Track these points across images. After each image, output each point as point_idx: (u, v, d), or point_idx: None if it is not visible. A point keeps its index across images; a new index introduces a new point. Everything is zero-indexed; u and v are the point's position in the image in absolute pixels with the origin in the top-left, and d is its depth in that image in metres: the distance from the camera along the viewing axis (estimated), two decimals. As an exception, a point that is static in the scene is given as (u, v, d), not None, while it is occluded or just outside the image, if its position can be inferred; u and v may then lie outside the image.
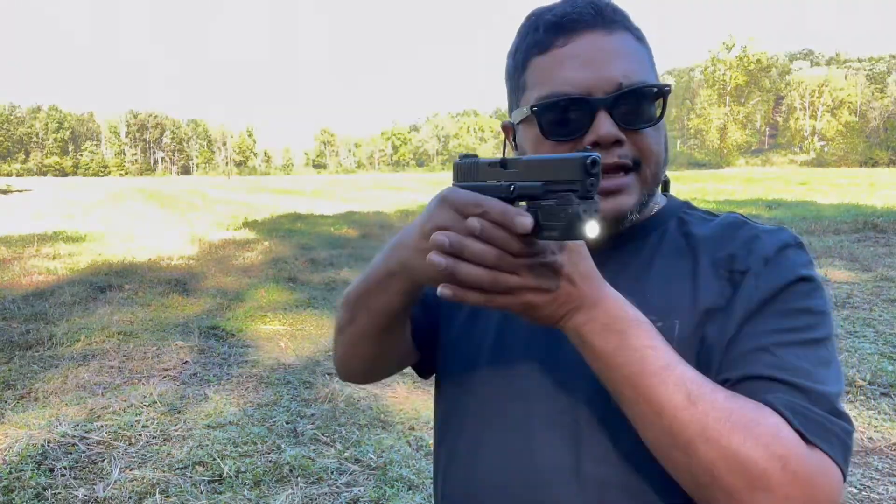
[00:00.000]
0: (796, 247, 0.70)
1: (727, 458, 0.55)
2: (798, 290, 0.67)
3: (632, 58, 0.72)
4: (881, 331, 4.68)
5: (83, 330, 4.97)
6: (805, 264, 0.69)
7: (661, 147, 0.74)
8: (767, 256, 0.69)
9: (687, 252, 0.74)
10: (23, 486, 2.70)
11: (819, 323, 0.67)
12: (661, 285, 0.72)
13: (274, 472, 2.84)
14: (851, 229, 9.84)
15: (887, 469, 2.79)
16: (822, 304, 0.68)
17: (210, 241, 10.40)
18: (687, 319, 0.69)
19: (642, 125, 0.71)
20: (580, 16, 0.71)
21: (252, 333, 5.07)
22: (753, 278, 0.68)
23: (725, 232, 0.74)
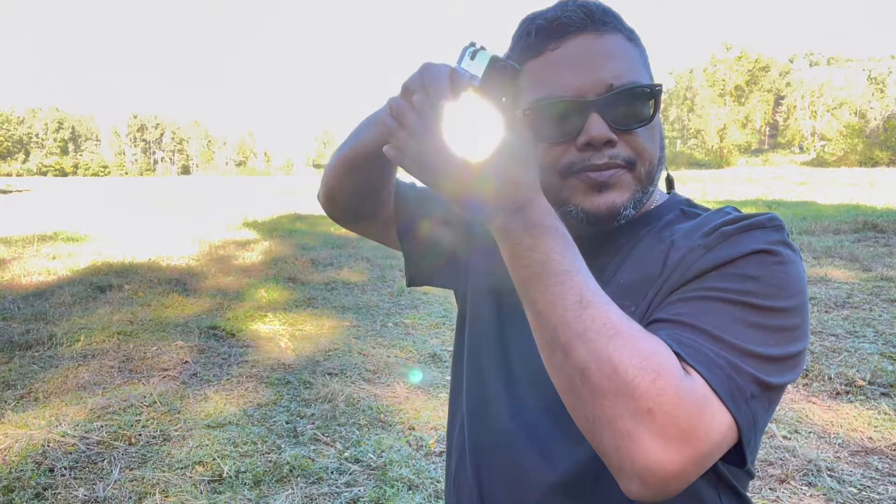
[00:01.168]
0: (771, 228, 0.67)
1: (600, 360, 0.56)
2: (753, 260, 0.64)
3: (623, 59, 0.72)
4: (881, 331, 4.68)
5: (83, 330, 4.97)
6: (771, 241, 0.66)
7: (656, 146, 0.75)
8: (727, 233, 0.67)
9: (667, 237, 0.74)
10: (23, 486, 2.70)
11: (767, 293, 0.62)
12: (636, 269, 0.74)
13: (274, 472, 2.84)
14: (851, 229, 9.84)
15: (887, 469, 2.79)
16: (780, 277, 0.63)
17: (210, 241, 10.40)
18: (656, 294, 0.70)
19: (634, 125, 0.72)
20: (570, 19, 0.72)
21: (252, 333, 5.07)
22: (704, 249, 0.67)
23: (709, 217, 0.74)
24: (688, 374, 0.57)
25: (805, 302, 0.65)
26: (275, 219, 14.71)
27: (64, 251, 9.18)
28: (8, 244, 9.72)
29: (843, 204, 14.73)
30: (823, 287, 6.16)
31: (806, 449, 2.97)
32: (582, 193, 0.73)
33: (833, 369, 3.90)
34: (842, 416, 3.31)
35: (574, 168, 0.72)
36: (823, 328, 4.81)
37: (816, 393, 3.61)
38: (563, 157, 0.73)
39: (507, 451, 0.82)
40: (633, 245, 0.77)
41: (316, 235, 11.38)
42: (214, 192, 30.96)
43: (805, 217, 11.73)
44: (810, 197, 17.90)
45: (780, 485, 2.69)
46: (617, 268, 0.76)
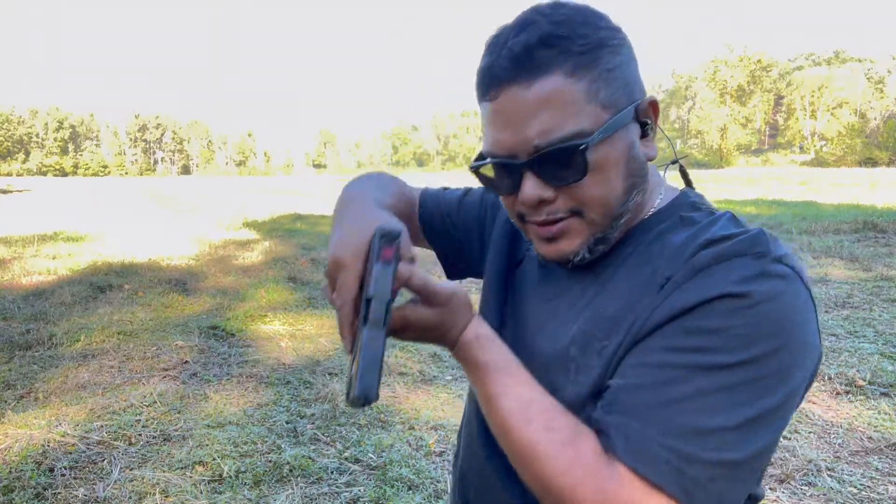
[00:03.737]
0: (751, 256, 0.62)
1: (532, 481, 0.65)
2: (717, 307, 0.60)
3: (555, 108, 0.66)
4: (881, 331, 4.68)
5: (83, 330, 4.97)
6: (747, 277, 0.60)
7: (608, 187, 0.69)
8: (699, 266, 0.63)
9: (650, 261, 0.70)
10: (23, 486, 2.70)
11: (731, 347, 0.59)
12: (615, 298, 0.71)
13: (274, 472, 2.84)
14: (851, 229, 9.84)
15: (887, 469, 2.79)
16: (747, 325, 0.59)
17: (210, 241, 10.40)
18: (623, 334, 0.68)
19: (570, 181, 0.68)
20: (499, 69, 0.67)
21: (252, 333, 5.07)
22: (672, 287, 0.64)
23: (692, 237, 0.68)
24: (612, 476, 0.60)
25: (789, 338, 0.60)
26: (275, 219, 14.71)
27: (64, 251, 9.18)
28: (8, 244, 9.72)
29: (843, 204, 14.73)
30: (823, 287, 6.17)
31: (806, 449, 2.97)
32: (535, 241, 0.75)
33: (833, 369, 3.90)
34: (842, 416, 3.31)
35: (525, 218, 0.74)
36: (823, 328, 4.81)
37: (816, 393, 3.61)
38: (514, 207, 0.74)
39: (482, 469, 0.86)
40: (618, 265, 0.74)
41: (316, 235, 11.38)
42: (214, 192, 30.96)
43: (805, 217, 11.73)
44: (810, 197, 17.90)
45: (780, 485, 2.69)
46: (598, 292, 0.74)
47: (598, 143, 0.67)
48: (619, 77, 0.68)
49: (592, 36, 0.67)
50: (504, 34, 0.68)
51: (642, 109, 0.70)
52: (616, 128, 0.67)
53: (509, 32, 0.68)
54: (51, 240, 10.44)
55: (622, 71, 0.69)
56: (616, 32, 0.70)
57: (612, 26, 0.70)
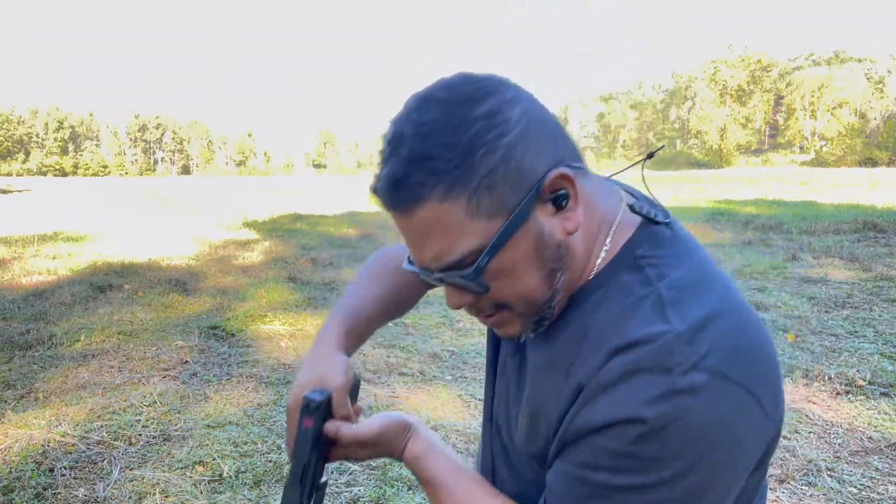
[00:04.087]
0: (657, 372, 0.58)
1: None
2: (622, 431, 0.59)
3: (438, 236, 0.64)
4: (881, 331, 4.68)
5: (83, 330, 4.97)
6: (649, 400, 0.58)
7: (521, 285, 0.67)
8: (606, 383, 0.61)
9: (575, 347, 0.68)
10: (23, 486, 2.70)
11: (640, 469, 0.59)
12: (547, 372, 0.72)
13: (274, 472, 2.84)
14: (851, 229, 9.84)
15: (887, 469, 2.79)
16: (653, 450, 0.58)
17: (210, 241, 10.40)
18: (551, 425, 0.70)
19: (479, 292, 0.68)
20: (381, 196, 0.65)
21: (252, 333, 5.07)
22: (581, 403, 0.63)
23: (611, 328, 0.64)
24: None
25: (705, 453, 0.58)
26: (275, 219, 14.70)
27: (64, 251, 9.17)
28: (8, 244, 9.72)
29: (843, 204, 14.72)
30: (823, 287, 6.17)
31: (806, 449, 2.97)
32: None
33: (833, 369, 3.90)
34: (842, 416, 3.31)
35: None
36: (823, 328, 4.81)
37: (816, 393, 3.61)
38: None
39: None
40: (557, 334, 0.72)
41: (316, 235, 11.38)
42: (214, 192, 30.96)
43: (805, 217, 11.73)
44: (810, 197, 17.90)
45: (780, 485, 2.69)
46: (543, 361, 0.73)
47: (495, 254, 0.64)
48: (502, 175, 0.62)
49: (462, 142, 0.61)
50: (384, 150, 0.65)
51: (548, 187, 0.64)
52: (512, 231, 0.63)
53: (386, 149, 0.65)
54: (51, 240, 10.43)
55: (507, 165, 0.62)
56: (493, 118, 0.62)
57: (487, 112, 0.62)
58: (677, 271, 0.66)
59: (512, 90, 0.65)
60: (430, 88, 0.65)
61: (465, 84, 0.64)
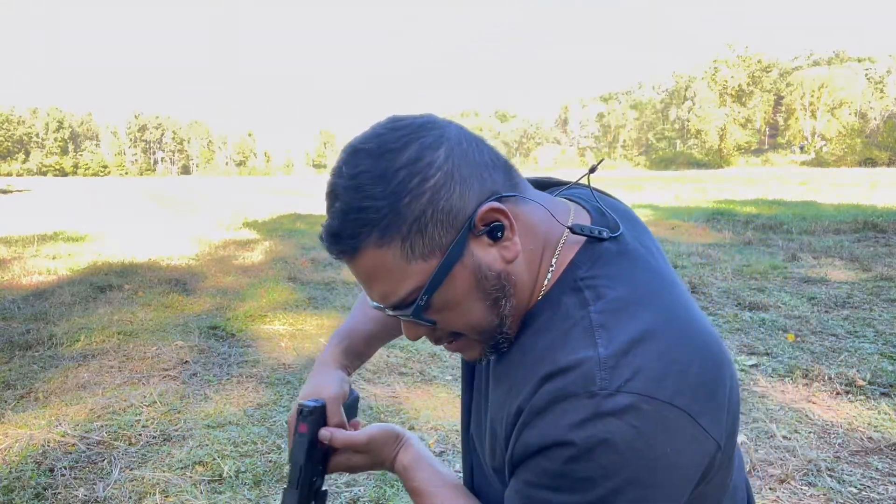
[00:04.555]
0: (582, 396, 0.61)
1: None
2: (554, 454, 0.62)
3: (380, 279, 0.68)
4: (881, 331, 4.68)
5: (83, 330, 4.97)
6: (575, 423, 0.60)
7: (468, 316, 0.70)
8: (538, 409, 0.64)
9: (521, 370, 0.70)
10: (23, 486, 2.70)
11: (576, 488, 0.62)
12: (496, 404, 0.76)
13: (274, 472, 2.84)
14: (851, 229, 9.84)
15: (887, 469, 2.79)
16: (583, 470, 0.61)
17: (210, 241, 10.40)
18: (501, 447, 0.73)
19: (429, 324, 0.71)
20: (327, 245, 0.70)
21: (252, 333, 5.07)
22: (521, 428, 0.66)
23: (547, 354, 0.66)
24: None
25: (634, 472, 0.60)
26: (275, 219, 14.71)
27: (64, 251, 9.17)
28: (8, 244, 9.72)
29: (843, 204, 14.72)
30: (823, 287, 6.17)
31: (806, 449, 2.97)
32: None
33: (833, 369, 3.90)
34: (842, 416, 3.31)
35: None
36: (823, 328, 4.81)
37: (816, 393, 3.61)
38: None
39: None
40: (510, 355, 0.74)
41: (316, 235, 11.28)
42: (214, 192, 30.96)
43: (805, 217, 11.73)
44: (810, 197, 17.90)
45: (780, 485, 2.69)
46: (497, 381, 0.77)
47: (434, 292, 0.67)
48: (431, 217, 0.65)
49: (388, 192, 0.64)
50: (326, 202, 0.70)
51: (480, 220, 0.66)
52: (448, 269, 0.66)
53: (327, 201, 0.70)
54: (51, 240, 10.43)
55: (434, 207, 0.65)
56: (415, 165, 0.64)
57: (409, 159, 0.64)
58: (615, 291, 0.67)
59: (436, 132, 0.67)
60: (360, 138, 0.69)
61: (389, 132, 0.67)
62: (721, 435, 0.65)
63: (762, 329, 4.86)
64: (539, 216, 0.72)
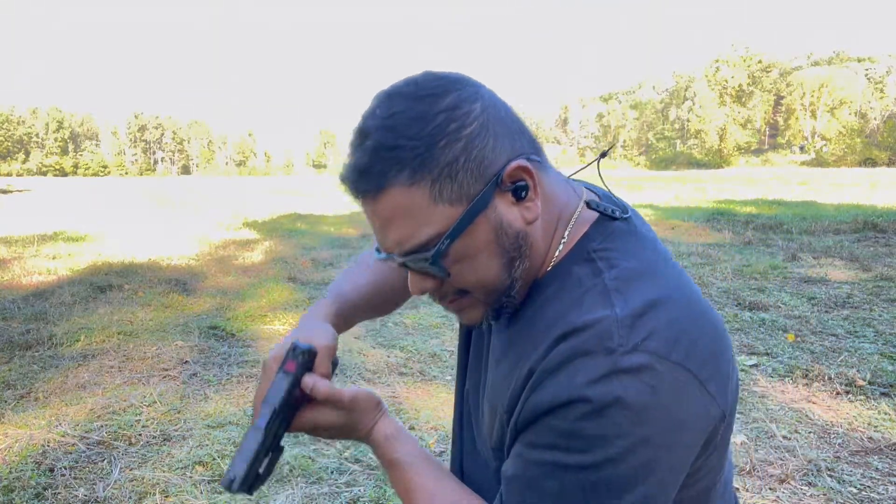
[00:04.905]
0: (599, 353, 0.61)
1: None
2: (568, 412, 0.61)
3: (401, 220, 0.67)
4: (881, 331, 4.68)
5: (83, 330, 4.97)
6: (592, 380, 0.60)
7: (481, 271, 0.70)
8: (551, 368, 0.64)
9: (530, 337, 0.70)
10: (23, 486, 2.70)
11: (588, 448, 0.61)
12: (502, 366, 0.75)
13: (274, 472, 2.84)
14: (851, 229, 9.84)
15: (887, 469, 2.79)
16: (597, 428, 0.60)
17: (210, 241, 10.40)
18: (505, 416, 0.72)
19: (441, 276, 0.71)
20: (349, 183, 0.69)
21: (252, 333, 5.07)
22: (530, 390, 0.66)
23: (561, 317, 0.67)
24: None
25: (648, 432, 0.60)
26: (275, 219, 14.71)
27: (64, 251, 9.18)
28: (8, 244, 9.72)
29: (843, 204, 14.72)
30: (823, 287, 6.17)
31: (806, 449, 2.97)
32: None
33: (833, 369, 3.90)
34: (842, 416, 3.31)
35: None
36: (823, 328, 4.81)
37: (816, 393, 3.61)
38: None
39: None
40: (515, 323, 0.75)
41: (316, 235, 11.38)
42: (214, 192, 30.96)
43: (805, 217, 11.73)
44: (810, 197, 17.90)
45: (780, 485, 2.69)
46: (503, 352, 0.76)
47: (456, 239, 0.67)
48: (464, 165, 0.65)
49: (425, 133, 0.64)
50: (352, 141, 0.69)
51: (508, 177, 0.67)
52: (472, 218, 0.66)
53: (354, 140, 0.68)
54: (51, 240, 10.44)
55: (468, 155, 0.65)
56: (454, 111, 0.65)
57: (449, 105, 0.65)
58: (628, 262, 0.69)
59: (471, 88, 0.68)
60: (396, 85, 0.69)
61: (428, 81, 0.67)
62: (726, 404, 0.67)
63: (762, 329, 4.86)
64: (558, 187, 0.75)
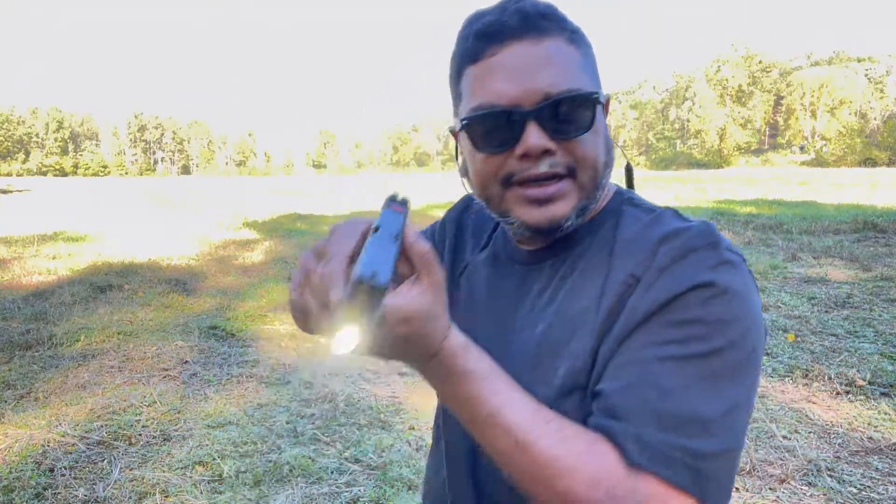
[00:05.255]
0: (705, 248, 0.65)
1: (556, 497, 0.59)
2: (690, 298, 0.62)
3: (561, 65, 0.70)
4: (881, 331, 4.67)
5: (83, 330, 4.97)
6: (710, 267, 0.63)
7: (599, 151, 0.72)
8: (663, 266, 0.65)
9: (606, 257, 0.72)
10: (23, 486, 2.70)
11: (708, 334, 0.61)
12: (577, 295, 0.72)
13: (274, 472, 2.84)
14: (851, 229, 9.84)
15: (887, 469, 2.79)
16: (719, 312, 0.62)
17: (210, 241, 10.40)
18: (590, 335, 0.68)
19: (573, 133, 0.70)
20: (507, 25, 0.70)
21: (252, 333, 5.07)
22: (643, 289, 0.65)
23: (646, 231, 0.71)
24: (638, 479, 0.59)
25: (751, 321, 0.63)
26: (275, 219, 14.71)
27: (64, 251, 9.17)
28: (8, 244, 9.72)
29: (843, 204, 14.73)
30: (823, 287, 6.16)
31: (806, 449, 2.97)
32: (522, 206, 0.73)
33: (833, 369, 3.90)
34: (842, 416, 3.31)
35: (514, 179, 0.72)
36: (823, 328, 4.81)
37: (816, 393, 3.61)
38: (502, 168, 0.72)
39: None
40: (575, 259, 0.75)
41: (316, 235, 11.37)
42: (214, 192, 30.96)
43: (805, 217, 11.73)
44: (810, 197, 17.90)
45: (780, 485, 2.69)
46: (559, 288, 0.75)
47: (600, 104, 0.72)
48: (593, 63, 0.75)
49: (574, 23, 0.74)
50: (501, 4, 0.72)
51: (607, 101, 0.75)
52: (602, 101, 0.73)
53: (506, 3, 0.71)
54: (51, 240, 10.43)
55: (594, 60, 0.75)
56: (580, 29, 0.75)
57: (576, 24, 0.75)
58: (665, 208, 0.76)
59: None
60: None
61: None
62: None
63: (762, 329, 4.86)
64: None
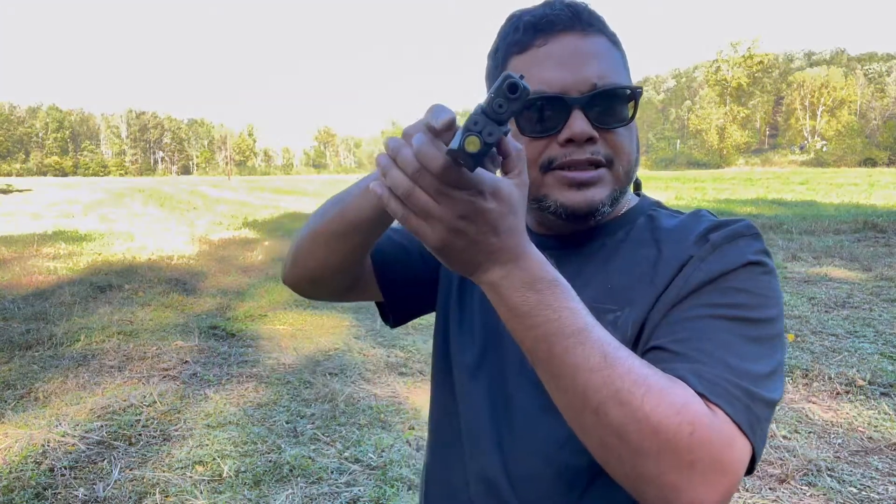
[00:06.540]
0: (751, 237, 0.71)
1: (638, 421, 0.55)
2: (742, 273, 0.68)
3: (606, 60, 0.75)
4: (881, 331, 4.67)
5: (83, 330, 4.97)
6: (757, 251, 0.70)
7: (633, 146, 0.77)
8: (716, 244, 0.70)
9: (652, 243, 0.76)
10: (23, 486, 2.70)
11: (758, 304, 0.66)
12: (623, 273, 0.75)
13: (274, 472, 2.84)
14: (851, 229, 9.84)
15: (887, 469, 2.79)
16: (767, 287, 0.68)
17: (210, 241, 10.40)
18: (641, 307, 0.71)
19: (615, 125, 0.74)
20: (557, 18, 0.74)
21: (252, 333, 5.07)
22: (698, 261, 0.70)
23: (688, 222, 0.76)
24: (713, 413, 0.57)
25: (782, 306, 0.70)
26: (275, 219, 14.71)
27: (64, 251, 9.17)
28: (8, 244, 9.72)
29: (843, 204, 14.73)
30: (823, 287, 6.16)
31: (806, 449, 2.97)
32: (562, 189, 0.74)
33: (833, 369, 3.90)
34: (842, 416, 3.31)
35: (555, 164, 0.74)
36: (823, 328, 4.81)
37: (816, 393, 3.61)
38: (544, 153, 0.74)
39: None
40: (613, 246, 0.78)
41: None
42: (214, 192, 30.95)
43: (805, 217, 11.73)
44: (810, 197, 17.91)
45: (780, 485, 2.69)
46: (598, 269, 0.77)
47: (638, 101, 0.76)
48: (628, 66, 0.80)
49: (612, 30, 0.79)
50: (547, 1, 0.77)
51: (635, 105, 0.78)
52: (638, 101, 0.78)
53: (553, 1, 0.76)
54: (51, 240, 10.43)
55: (628, 64, 0.80)
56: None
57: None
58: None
59: None
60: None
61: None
62: None
63: (762, 329, 4.86)
64: None
